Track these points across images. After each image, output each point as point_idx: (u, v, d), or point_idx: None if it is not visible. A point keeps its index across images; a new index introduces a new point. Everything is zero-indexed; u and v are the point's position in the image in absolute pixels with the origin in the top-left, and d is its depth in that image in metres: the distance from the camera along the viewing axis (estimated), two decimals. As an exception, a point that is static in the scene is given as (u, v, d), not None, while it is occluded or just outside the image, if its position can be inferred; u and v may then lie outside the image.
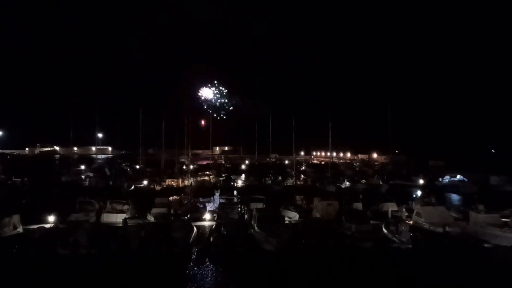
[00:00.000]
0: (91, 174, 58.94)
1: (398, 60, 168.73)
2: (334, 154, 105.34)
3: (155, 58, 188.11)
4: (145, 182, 50.41)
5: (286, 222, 27.94)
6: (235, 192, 43.77)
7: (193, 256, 21.67)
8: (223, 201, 35.52)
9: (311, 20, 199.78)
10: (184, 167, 62.91)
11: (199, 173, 58.78)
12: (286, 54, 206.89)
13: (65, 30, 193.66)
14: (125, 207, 30.94)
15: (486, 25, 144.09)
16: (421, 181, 53.47)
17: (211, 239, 23.74)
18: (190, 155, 57.14)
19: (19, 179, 50.79)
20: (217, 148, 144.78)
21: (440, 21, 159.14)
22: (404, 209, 31.24)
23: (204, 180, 52.69)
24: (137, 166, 71.24)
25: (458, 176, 54.22)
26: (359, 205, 31.58)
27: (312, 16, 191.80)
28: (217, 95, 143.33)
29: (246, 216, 29.62)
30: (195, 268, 19.98)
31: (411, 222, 28.29)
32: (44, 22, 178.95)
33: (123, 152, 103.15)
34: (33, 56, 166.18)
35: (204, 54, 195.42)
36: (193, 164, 67.17)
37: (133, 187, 47.73)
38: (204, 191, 43.48)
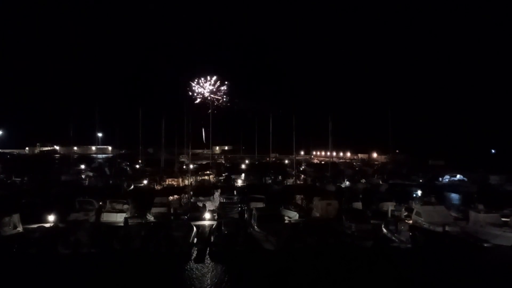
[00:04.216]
0: (91, 174, 58.93)
1: (398, 59, 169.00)
2: (334, 153, 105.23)
3: (154, 55, 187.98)
4: (145, 182, 50.45)
5: (286, 221, 27.97)
6: (235, 191, 43.72)
7: (193, 255, 21.69)
8: (223, 200, 35.47)
9: (313, 19, 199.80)
10: (184, 166, 62.89)
11: (199, 173, 58.82)
12: (287, 53, 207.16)
13: (65, 29, 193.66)
14: (125, 206, 30.95)
15: (486, 25, 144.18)
16: (421, 181, 53.49)
17: (212, 238, 23.77)
18: (190, 154, 57.15)
19: (19, 179, 50.79)
20: (217, 147, 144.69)
21: (440, 21, 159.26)
22: (403, 209, 31.24)
23: (204, 179, 52.70)
24: (137, 166, 71.25)
25: (458, 176, 54.28)
26: (359, 205, 31.59)
27: (314, 15, 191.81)
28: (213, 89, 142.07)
29: (246, 215, 29.64)
30: (195, 267, 19.98)
31: (410, 221, 28.26)
32: (44, 21, 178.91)
33: (123, 151, 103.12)
34: (33, 55, 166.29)
35: (205, 52, 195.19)
36: (193, 164, 67.15)
37: (132, 187, 47.75)
38: (204, 190, 43.49)
